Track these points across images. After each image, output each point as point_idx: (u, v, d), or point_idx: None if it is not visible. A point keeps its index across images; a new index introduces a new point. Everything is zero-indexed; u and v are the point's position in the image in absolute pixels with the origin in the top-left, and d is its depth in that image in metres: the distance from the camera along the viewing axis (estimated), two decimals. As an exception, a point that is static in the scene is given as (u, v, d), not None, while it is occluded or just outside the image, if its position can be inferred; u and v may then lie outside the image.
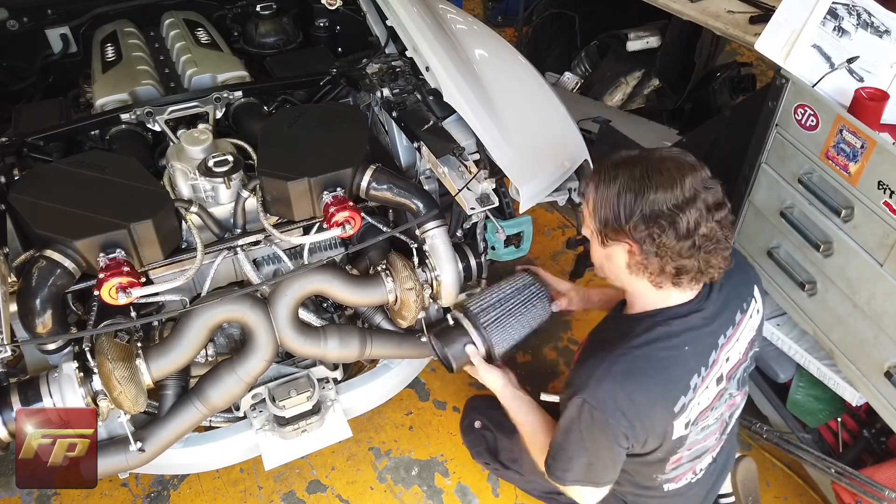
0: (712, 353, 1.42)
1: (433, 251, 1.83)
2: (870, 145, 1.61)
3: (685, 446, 1.50)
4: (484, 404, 2.08)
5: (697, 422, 1.46)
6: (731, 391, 1.54)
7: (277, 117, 1.91)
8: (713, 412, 1.50)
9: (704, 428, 1.51)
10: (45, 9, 2.50)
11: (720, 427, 1.59)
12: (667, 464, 1.52)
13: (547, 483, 1.92)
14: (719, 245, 1.31)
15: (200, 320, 1.63)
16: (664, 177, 1.27)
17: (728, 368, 1.48)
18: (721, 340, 1.43)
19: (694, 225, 1.27)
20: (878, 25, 1.83)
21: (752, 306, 1.50)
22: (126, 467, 1.67)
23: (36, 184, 1.65)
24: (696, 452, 1.57)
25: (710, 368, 1.42)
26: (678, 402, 1.38)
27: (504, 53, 2.20)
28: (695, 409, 1.43)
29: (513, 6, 4.58)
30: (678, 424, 1.41)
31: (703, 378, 1.41)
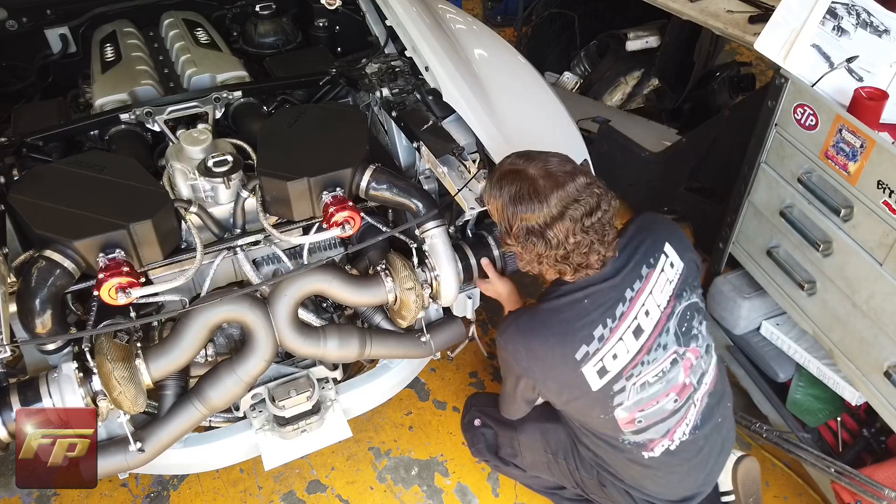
0: (619, 305, 1.54)
1: (433, 251, 1.83)
2: (869, 145, 1.61)
3: (628, 404, 1.58)
4: (483, 401, 2.10)
5: (625, 375, 1.55)
6: (671, 348, 1.59)
7: (277, 117, 1.91)
8: (647, 367, 1.57)
9: (644, 385, 1.58)
10: (44, 9, 2.50)
11: (679, 389, 1.62)
12: (617, 421, 1.60)
13: (549, 479, 1.93)
14: (593, 246, 1.46)
15: (200, 320, 1.63)
16: (534, 197, 1.43)
17: (650, 323, 1.56)
18: (629, 295, 1.55)
19: (564, 236, 1.44)
20: (877, 25, 1.83)
21: (662, 261, 1.60)
22: (126, 467, 1.66)
23: (35, 184, 1.65)
24: (654, 415, 1.61)
25: (619, 321, 1.54)
26: (579, 350, 1.52)
27: (503, 53, 2.20)
28: (609, 360, 1.53)
29: (512, 6, 4.59)
30: (588, 373, 1.53)
31: (613, 329, 1.53)
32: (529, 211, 1.43)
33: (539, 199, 1.42)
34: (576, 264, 1.49)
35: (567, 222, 1.42)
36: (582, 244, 1.45)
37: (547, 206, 1.42)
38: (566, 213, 1.42)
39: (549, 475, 1.92)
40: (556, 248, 1.45)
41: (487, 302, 2.03)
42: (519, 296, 1.89)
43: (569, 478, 1.87)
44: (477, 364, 2.69)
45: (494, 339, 1.70)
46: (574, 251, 1.45)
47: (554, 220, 1.42)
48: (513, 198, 1.45)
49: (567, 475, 1.86)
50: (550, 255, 1.46)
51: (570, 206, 1.42)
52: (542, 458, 1.89)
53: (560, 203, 1.42)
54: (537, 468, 1.93)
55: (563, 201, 1.42)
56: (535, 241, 1.45)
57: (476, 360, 2.70)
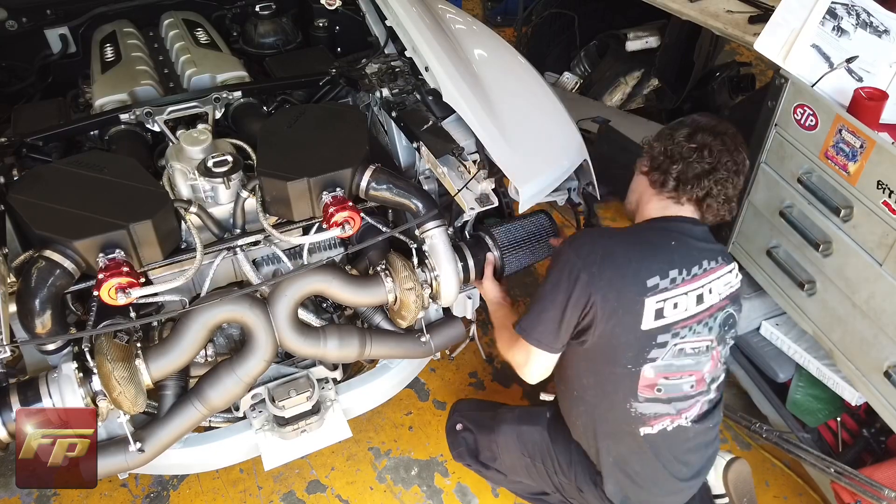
0: (695, 266, 1.58)
1: (432, 251, 1.83)
2: (869, 145, 1.61)
3: (660, 364, 1.58)
4: (465, 406, 2.12)
5: (674, 330, 1.56)
6: (713, 333, 1.62)
7: (277, 117, 1.91)
8: (692, 335, 1.59)
9: (681, 353, 1.59)
10: (44, 9, 2.50)
11: (699, 378, 1.64)
12: (639, 378, 1.59)
13: (531, 484, 1.92)
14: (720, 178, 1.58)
15: (200, 321, 1.63)
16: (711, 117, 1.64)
17: (710, 301, 1.60)
18: (705, 264, 1.60)
19: (706, 142, 1.57)
20: (877, 25, 1.83)
21: (731, 265, 1.67)
22: (125, 467, 1.66)
23: (35, 184, 1.65)
24: (672, 389, 1.62)
25: (691, 277, 1.57)
26: (653, 277, 1.53)
27: (503, 53, 2.20)
28: (670, 307, 1.54)
29: (512, 6, 4.59)
30: (648, 306, 1.53)
31: (685, 280, 1.56)
32: (702, 117, 1.63)
33: (714, 120, 1.62)
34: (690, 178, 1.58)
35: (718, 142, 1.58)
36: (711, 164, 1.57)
37: (717, 122, 1.61)
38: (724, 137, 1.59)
39: (529, 479, 1.92)
40: (694, 143, 1.57)
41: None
42: (507, 305, 1.89)
43: (548, 481, 1.86)
44: (477, 364, 2.69)
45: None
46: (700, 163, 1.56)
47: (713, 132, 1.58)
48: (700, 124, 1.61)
49: (545, 478, 1.86)
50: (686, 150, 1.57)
51: (729, 139, 1.59)
52: (520, 462, 1.89)
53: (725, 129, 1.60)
54: (517, 472, 1.93)
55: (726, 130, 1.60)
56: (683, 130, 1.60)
57: (476, 361, 2.70)
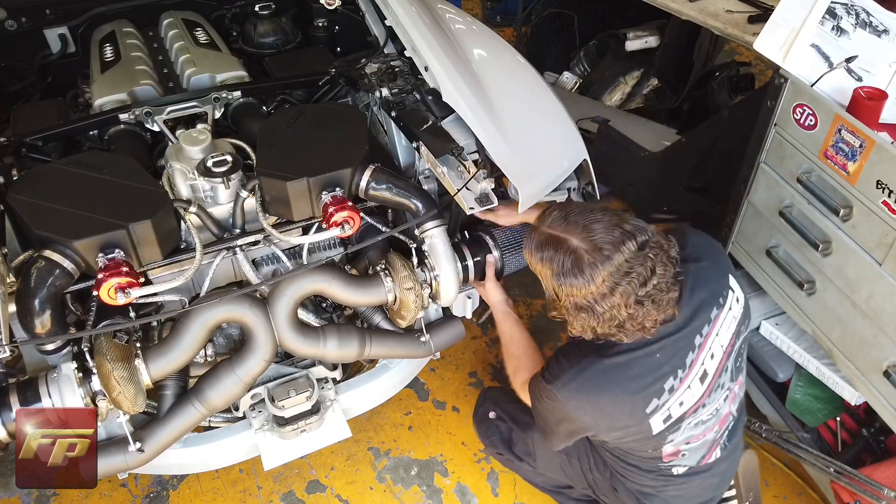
0: (689, 354, 1.46)
1: (432, 251, 1.83)
2: (868, 145, 1.61)
3: (679, 440, 1.56)
4: (499, 395, 2.10)
5: (686, 418, 1.52)
6: (727, 386, 1.58)
7: (276, 117, 1.91)
8: (705, 408, 1.55)
9: (699, 423, 1.56)
10: (43, 9, 2.50)
11: (722, 422, 1.63)
12: (662, 454, 1.59)
13: (561, 479, 1.91)
14: (648, 314, 1.36)
15: (199, 320, 1.63)
16: (578, 274, 1.33)
17: (714, 366, 1.52)
18: (698, 341, 1.47)
19: (615, 311, 1.34)
20: (876, 25, 1.83)
21: (729, 298, 1.53)
22: (125, 467, 1.66)
23: (35, 184, 1.65)
24: (698, 448, 1.62)
25: (688, 369, 1.47)
26: (650, 404, 1.46)
27: (503, 53, 2.20)
28: (675, 408, 1.49)
29: (511, 6, 4.58)
30: (654, 422, 1.49)
31: (682, 379, 1.47)
32: (576, 288, 1.34)
33: (584, 277, 1.32)
34: (632, 331, 1.39)
35: (618, 298, 1.32)
36: (636, 315, 1.35)
37: (594, 284, 1.32)
38: (616, 289, 1.32)
39: (562, 475, 1.92)
40: (608, 320, 1.36)
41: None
42: (508, 307, 1.87)
43: (581, 478, 1.87)
44: (477, 364, 2.69)
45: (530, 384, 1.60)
46: (627, 321, 1.36)
47: (604, 297, 1.33)
48: (555, 273, 1.36)
49: (580, 476, 1.86)
50: (603, 325, 1.37)
51: (621, 282, 1.31)
52: (555, 458, 1.89)
53: (609, 279, 1.31)
54: (549, 467, 1.93)
55: (611, 277, 1.31)
56: (585, 316, 1.37)
57: (476, 360, 2.70)
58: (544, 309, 2.06)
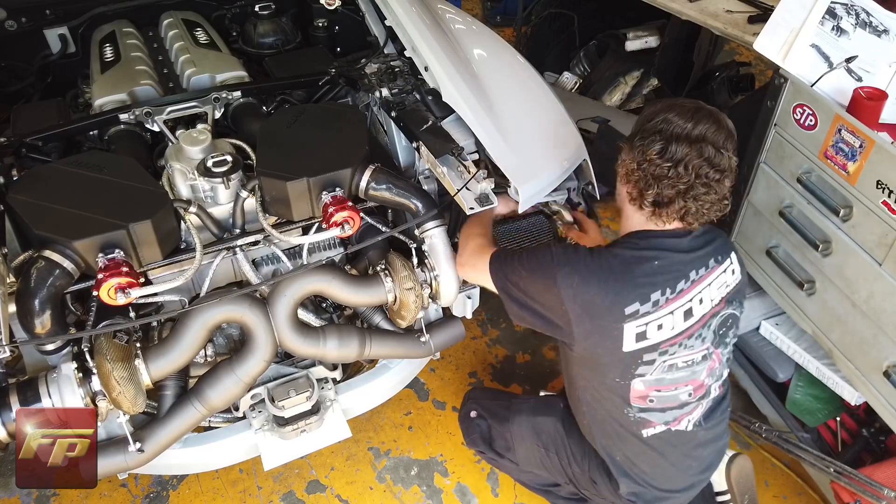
0: (681, 281, 1.53)
1: (432, 251, 1.83)
2: (868, 145, 1.61)
3: (650, 379, 1.57)
4: (480, 395, 2.12)
5: (660, 349, 1.54)
6: (707, 343, 1.60)
7: (276, 117, 1.91)
8: (681, 350, 1.57)
9: (672, 367, 1.58)
10: (43, 9, 2.50)
11: (696, 387, 1.63)
12: (630, 390, 1.59)
13: (544, 475, 1.93)
14: (699, 193, 1.44)
15: (199, 321, 1.63)
16: (689, 113, 1.43)
17: (701, 311, 1.56)
18: (692, 275, 1.54)
19: (682, 157, 1.41)
20: (876, 25, 1.83)
21: (727, 263, 1.61)
22: (125, 468, 1.66)
23: (35, 184, 1.65)
24: (667, 399, 1.61)
25: (676, 294, 1.52)
26: (631, 305, 1.49)
27: (503, 53, 2.20)
28: (653, 329, 1.51)
29: (511, 6, 4.58)
30: (627, 331, 1.51)
31: (668, 300, 1.51)
32: (676, 116, 1.42)
33: (692, 118, 1.42)
34: (667, 199, 1.46)
35: (695, 151, 1.41)
36: (691, 179, 1.42)
37: (693, 124, 1.41)
38: (702, 143, 1.41)
39: (543, 470, 1.93)
40: (666, 160, 1.42)
41: (487, 302, 2.03)
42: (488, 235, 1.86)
43: (561, 472, 1.87)
44: (477, 364, 2.69)
45: None
46: (680, 180, 1.42)
47: (687, 139, 1.41)
48: (669, 105, 1.46)
49: (559, 470, 1.87)
50: (655, 165, 1.43)
51: (708, 145, 1.40)
52: (534, 452, 1.90)
53: (704, 135, 1.41)
54: (530, 462, 1.94)
55: (706, 135, 1.41)
56: (650, 143, 1.43)
57: (476, 360, 2.70)
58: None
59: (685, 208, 1.47)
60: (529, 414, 1.91)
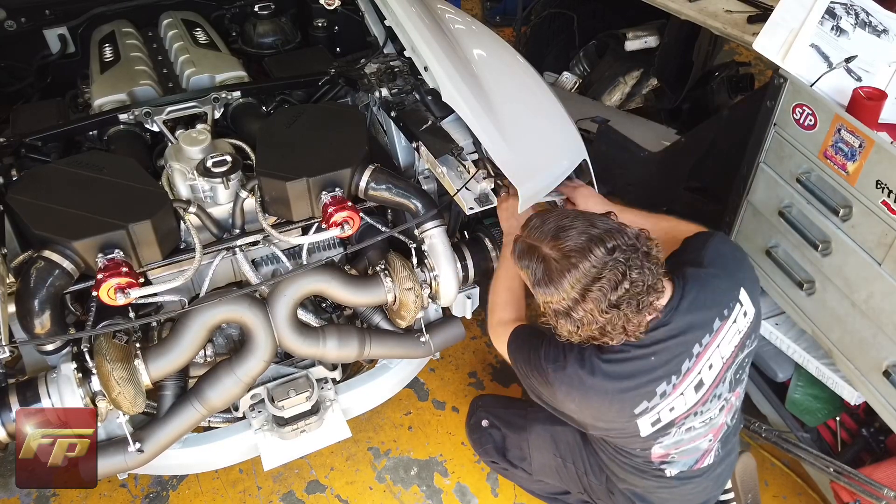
0: (686, 361, 1.46)
1: (432, 251, 1.83)
2: (868, 144, 1.61)
3: (668, 444, 1.57)
4: (491, 402, 2.09)
5: (676, 424, 1.52)
6: (724, 397, 1.58)
7: (276, 117, 1.91)
8: (698, 417, 1.55)
9: (690, 430, 1.56)
10: (42, 9, 2.50)
11: (716, 431, 1.63)
12: (651, 454, 1.59)
13: (556, 484, 1.93)
14: (629, 319, 1.35)
15: (199, 321, 1.63)
16: (549, 282, 1.36)
17: (712, 377, 1.51)
18: (696, 350, 1.46)
19: (591, 317, 1.35)
20: (876, 25, 1.83)
21: (736, 311, 1.49)
22: (125, 468, 1.66)
23: (34, 184, 1.65)
24: (687, 452, 1.62)
25: (683, 377, 1.47)
26: (639, 405, 1.46)
27: (502, 53, 2.20)
28: (665, 412, 1.49)
29: (511, 6, 4.58)
30: (642, 424, 1.49)
31: (676, 386, 1.47)
32: (549, 295, 1.37)
33: (554, 284, 1.34)
34: (616, 335, 1.38)
35: (590, 303, 1.33)
36: (614, 319, 1.35)
37: (563, 290, 1.34)
38: (587, 295, 1.32)
39: (557, 479, 1.91)
40: (588, 324, 1.36)
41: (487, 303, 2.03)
42: None
43: (577, 482, 1.86)
44: (476, 364, 2.69)
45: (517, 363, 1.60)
46: (607, 325, 1.36)
47: (576, 303, 1.34)
48: (532, 281, 1.40)
49: (575, 479, 1.85)
50: (584, 330, 1.38)
51: (591, 287, 1.32)
52: (551, 462, 1.88)
53: (578, 285, 1.32)
54: (545, 472, 1.93)
55: (580, 283, 1.32)
56: (564, 321, 1.38)
57: (476, 360, 2.70)
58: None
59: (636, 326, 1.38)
60: (547, 423, 1.87)
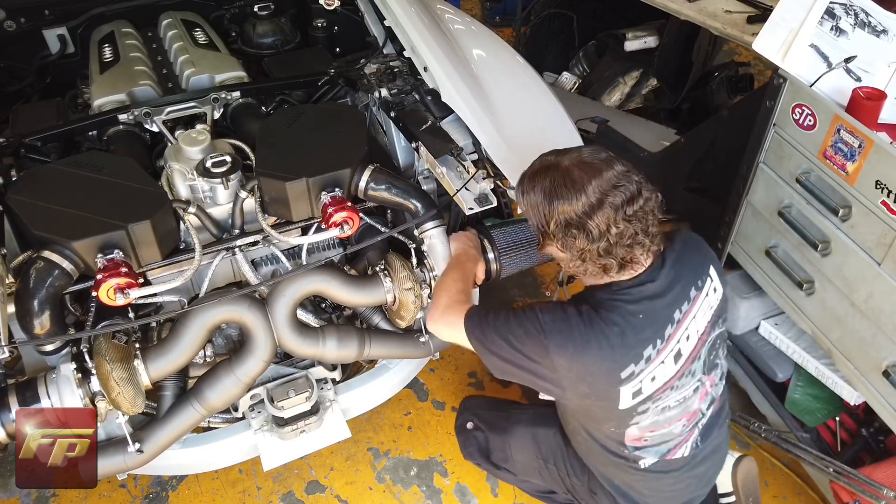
0: (668, 327, 1.47)
1: (431, 251, 1.83)
2: (867, 145, 1.62)
3: (644, 424, 1.54)
4: (476, 404, 2.10)
5: (654, 398, 1.50)
6: (697, 376, 1.56)
7: (275, 118, 1.91)
8: (674, 392, 1.53)
9: (665, 409, 1.54)
10: (42, 9, 2.50)
11: (690, 416, 1.61)
12: (625, 436, 1.56)
13: (541, 484, 1.91)
14: (637, 237, 1.39)
15: (199, 321, 1.63)
16: (570, 187, 1.37)
17: (689, 348, 1.52)
18: (677, 315, 1.48)
19: (605, 227, 1.36)
20: (875, 25, 1.83)
21: (707, 284, 1.54)
22: (124, 468, 1.66)
23: (34, 185, 1.65)
24: (662, 437, 1.59)
25: (666, 342, 1.47)
26: (627, 368, 1.44)
27: (502, 53, 2.20)
28: (647, 382, 1.47)
29: (511, 6, 4.58)
30: (625, 392, 1.46)
31: (660, 351, 1.46)
32: (567, 202, 1.37)
33: (576, 189, 1.36)
34: (620, 258, 1.40)
35: (608, 210, 1.35)
36: (625, 234, 1.37)
37: (584, 195, 1.35)
38: (605, 200, 1.35)
39: (540, 480, 1.92)
40: (598, 239, 1.37)
41: (487, 303, 2.03)
42: (473, 262, 1.80)
43: (560, 483, 1.86)
44: (476, 364, 2.69)
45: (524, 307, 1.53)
46: (617, 243, 1.37)
47: (593, 209, 1.35)
48: (547, 192, 1.39)
49: (558, 481, 1.86)
50: (593, 248, 1.38)
51: (610, 193, 1.35)
52: (533, 463, 1.88)
53: (598, 190, 1.35)
54: (528, 472, 1.93)
55: (601, 188, 1.35)
56: (576, 234, 1.38)
57: (475, 360, 2.70)
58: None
59: (645, 250, 1.42)
60: (529, 425, 1.89)
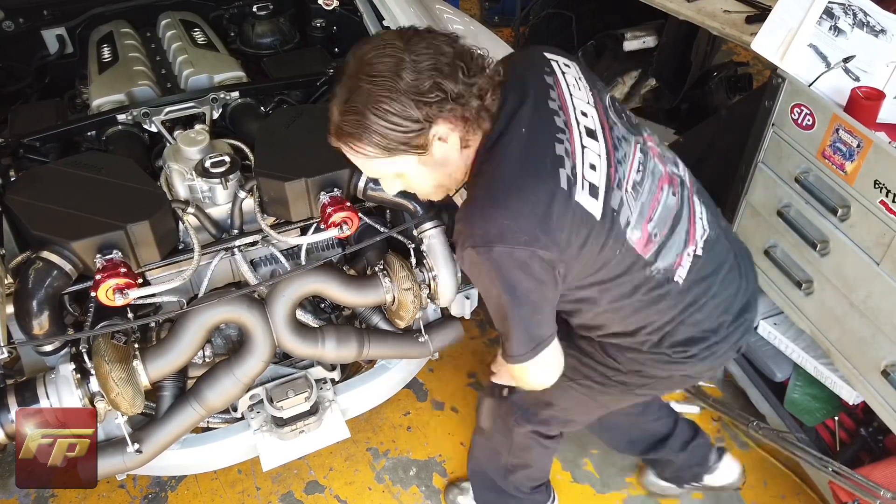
0: (554, 117, 1.35)
1: (431, 251, 1.83)
2: (866, 144, 1.62)
3: (635, 217, 1.38)
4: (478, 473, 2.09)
5: (612, 184, 1.36)
6: (630, 137, 1.45)
7: (274, 118, 1.91)
8: (623, 165, 1.39)
9: (635, 186, 1.40)
10: (41, 9, 2.50)
11: (668, 180, 1.47)
12: (634, 246, 1.38)
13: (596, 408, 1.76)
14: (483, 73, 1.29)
15: (198, 321, 1.62)
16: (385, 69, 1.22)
17: (594, 121, 1.40)
18: (554, 105, 1.37)
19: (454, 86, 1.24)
20: (873, 25, 1.84)
21: (553, 66, 1.45)
22: (124, 468, 1.66)
23: (32, 185, 1.65)
24: (663, 217, 1.43)
25: (567, 130, 1.34)
26: (560, 176, 1.29)
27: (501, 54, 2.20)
28: (590, 172, 1.33)
29: (509, 6, 4.58)
30: (582, 199, 1.30)
31: (570, 139, 1.34)
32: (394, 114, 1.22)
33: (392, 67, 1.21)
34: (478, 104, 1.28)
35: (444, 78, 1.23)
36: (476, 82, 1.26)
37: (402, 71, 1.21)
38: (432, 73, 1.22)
39: (595, 405, 1.72)
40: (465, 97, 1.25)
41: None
42: None
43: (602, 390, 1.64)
44: (476, 364, 2.69)
45: None
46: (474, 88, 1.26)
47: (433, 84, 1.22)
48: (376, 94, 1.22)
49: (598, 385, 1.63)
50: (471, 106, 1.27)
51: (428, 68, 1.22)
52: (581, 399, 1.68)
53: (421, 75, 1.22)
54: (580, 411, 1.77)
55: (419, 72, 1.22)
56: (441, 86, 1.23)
57: (474, 360, 2.70)
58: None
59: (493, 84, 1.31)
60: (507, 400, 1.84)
